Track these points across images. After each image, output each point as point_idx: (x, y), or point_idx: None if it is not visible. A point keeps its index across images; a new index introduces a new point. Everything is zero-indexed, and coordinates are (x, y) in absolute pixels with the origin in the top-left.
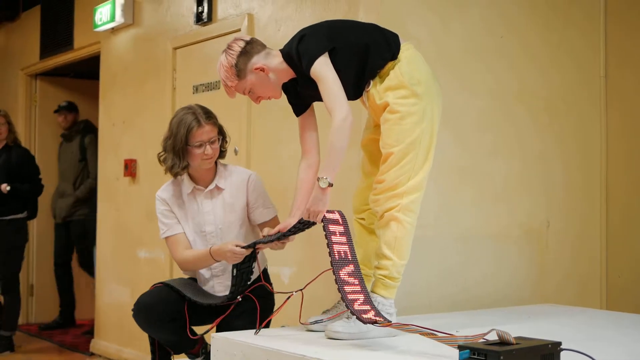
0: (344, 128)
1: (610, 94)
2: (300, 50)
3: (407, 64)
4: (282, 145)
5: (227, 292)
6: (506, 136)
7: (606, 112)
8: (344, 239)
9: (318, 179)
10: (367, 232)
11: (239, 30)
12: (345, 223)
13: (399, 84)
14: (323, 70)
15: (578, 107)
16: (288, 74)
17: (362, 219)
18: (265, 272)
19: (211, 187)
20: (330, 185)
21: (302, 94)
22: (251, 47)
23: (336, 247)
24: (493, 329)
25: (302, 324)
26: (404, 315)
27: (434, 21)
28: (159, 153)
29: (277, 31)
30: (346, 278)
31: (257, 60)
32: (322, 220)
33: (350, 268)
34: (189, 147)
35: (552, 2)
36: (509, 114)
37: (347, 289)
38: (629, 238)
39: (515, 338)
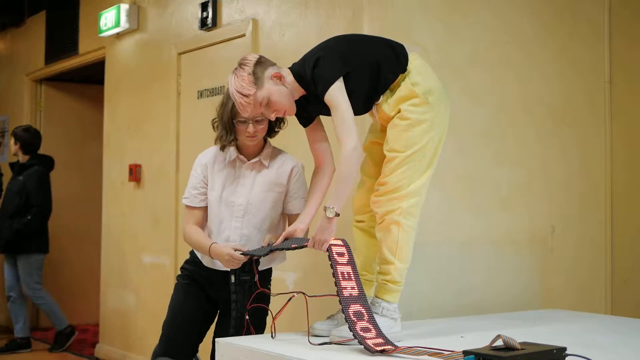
0: (353, 158)
1: (614, 101)
2: (315, 75)
3: (417, 74)
4: (290, 150)
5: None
6: (510, 144)
7: (610, 119)
8: (349, 269)
9: (325, 209)
10: (367, 236)
11: (244, 35)
12: (350, 253)
13: (411, 94)
14: (337, 97)
15: (582, 115)
16: (299, 91)
17: (362, 221)
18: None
19: (254, 160)
20: (337, 215)
21: (311, 110)
22: (265, 59)
23: (343, 284)
24: (499, 336)
25: (310, 343)
26: (409, 321)
27: (439, 29)
28: (213, 119)
29: (282, 36)
30: (353, 309)
31: (274, 70)
32: (327, 250)
33: (357, 303)
34: (234, 121)
35: (557, 13)
36: (514, 122)
37: (355, 321)
38: (633, 243)
39: (521, 343)
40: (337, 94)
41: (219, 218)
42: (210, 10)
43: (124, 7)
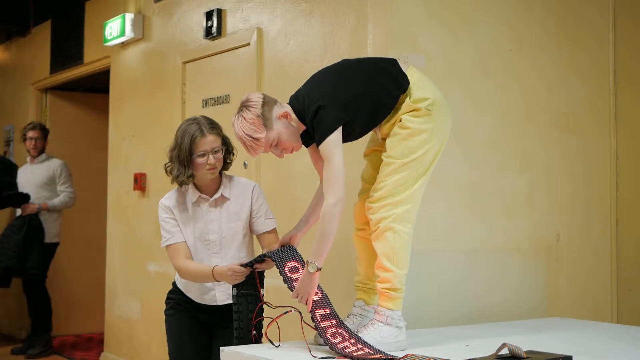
0: (333, 213)
1: (619, 109)
2: (315, 124)
3: (417, 89)
4: (290, 160)
5: (229, 300)
6: (515, 152)
7: (615, 126)
8: (328, 311)
9: (307, 263)
10: (368, 245)
11: (248, 44)
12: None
13: (411, 108)
14: (332, 151)
15: (586, 122)
16: (302, 127)
17: (363, 229)
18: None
19: (216, 196)
20: (319, 269)
21: (313, 141)
22: (269, 98)
23: (329, 331)
24: (504, 344)
25: (313, 356)
26: (413, 329)
27: (443, 37)
28: (166, 164)
29: (286, 45)
30: (345, 345)
31: (279, 109)
32: (310, 310)
33: (346, 339)
34: (192, 156)
35: (561, 21)
36: (518, 130)
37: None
38: (639, 251)
39: (526, 352)
40: (332, 148)
41: (199, 258)
42: (215, 19)
43: (129, 16)
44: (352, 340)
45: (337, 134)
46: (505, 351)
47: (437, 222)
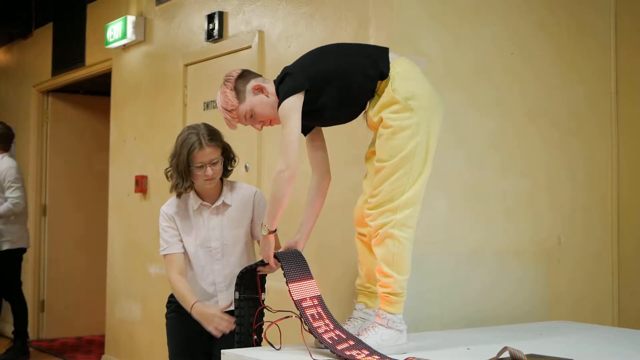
0: (280, 179)
1: (620, 112)
2: (279, 91)
3: (400, 79)
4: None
5: (231, 307)
6: (516, 154)
7: (617, 129)
8: (317, 310)
9: (262, 226)
10: (369, 249)
11: (250, 47)
12: (322, 303)
13: (392, 100)
14: (288, 114)
15: (588, 125)
16: None
17: (364, 234)
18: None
19: (218, 203)
20: (271, 232)
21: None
22: (248, 73)
23: (329, 334)
24: (506, 348)
25: (313, 358)
26: (414, 332)
27: (445, 39)
28: (166, 169)
29: (288, 48)
30: (341, 347)
31: (256, 82)
32: (301, 320)
33: (347, 342)
34: (190, 168)
35: (563, 23)
36: (519, 132)
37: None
38: None
39: (528, 356)
40: (287, 112)
41: (200, 265)
42: (216, 22)
43: (131, 18)
44: (353, 344)
45: (295, 99)
46: (506, 355)
47: (438, 224)
